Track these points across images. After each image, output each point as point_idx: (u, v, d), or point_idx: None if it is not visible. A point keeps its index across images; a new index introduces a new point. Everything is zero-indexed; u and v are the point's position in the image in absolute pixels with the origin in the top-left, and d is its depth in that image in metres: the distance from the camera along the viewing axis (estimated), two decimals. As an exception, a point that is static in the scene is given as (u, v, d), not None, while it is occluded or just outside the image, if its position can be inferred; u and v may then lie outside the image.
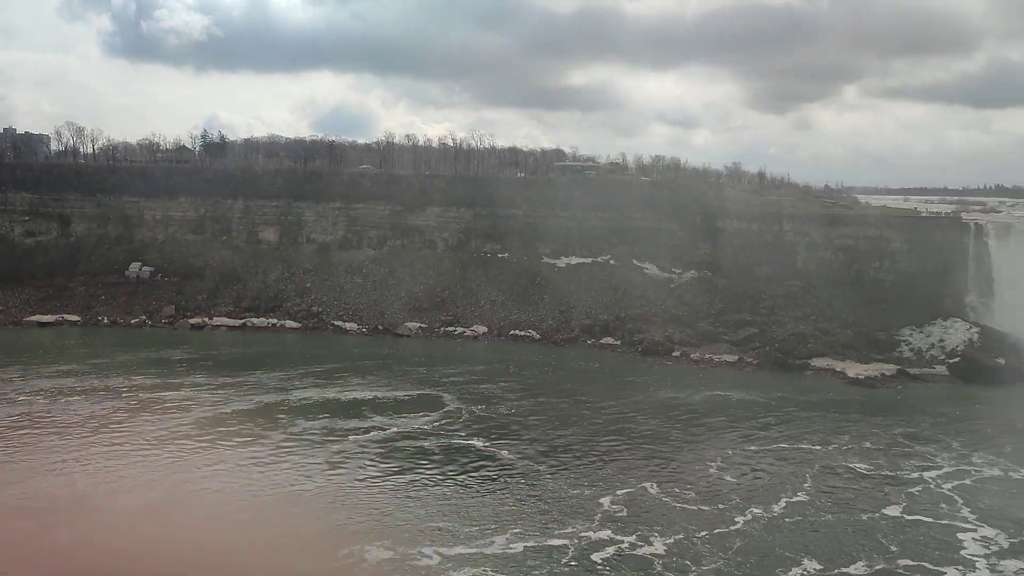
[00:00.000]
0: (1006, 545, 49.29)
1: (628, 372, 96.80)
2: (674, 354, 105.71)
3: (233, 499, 52.40)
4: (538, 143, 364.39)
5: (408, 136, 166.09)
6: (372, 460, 62.29)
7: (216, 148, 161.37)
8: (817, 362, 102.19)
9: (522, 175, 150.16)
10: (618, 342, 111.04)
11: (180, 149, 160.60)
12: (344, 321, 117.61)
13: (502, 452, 65.14)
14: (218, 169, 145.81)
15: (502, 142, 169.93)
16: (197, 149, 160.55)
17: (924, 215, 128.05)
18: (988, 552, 48.31)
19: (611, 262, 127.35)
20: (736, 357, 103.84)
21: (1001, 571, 45.86)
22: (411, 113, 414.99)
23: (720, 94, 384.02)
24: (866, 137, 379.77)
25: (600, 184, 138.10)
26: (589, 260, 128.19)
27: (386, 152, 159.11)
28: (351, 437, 67.82)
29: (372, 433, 69.14)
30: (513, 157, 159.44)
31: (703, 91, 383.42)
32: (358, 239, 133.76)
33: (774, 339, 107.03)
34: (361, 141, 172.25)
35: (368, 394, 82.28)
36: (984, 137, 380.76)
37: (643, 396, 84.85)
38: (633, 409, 79.51)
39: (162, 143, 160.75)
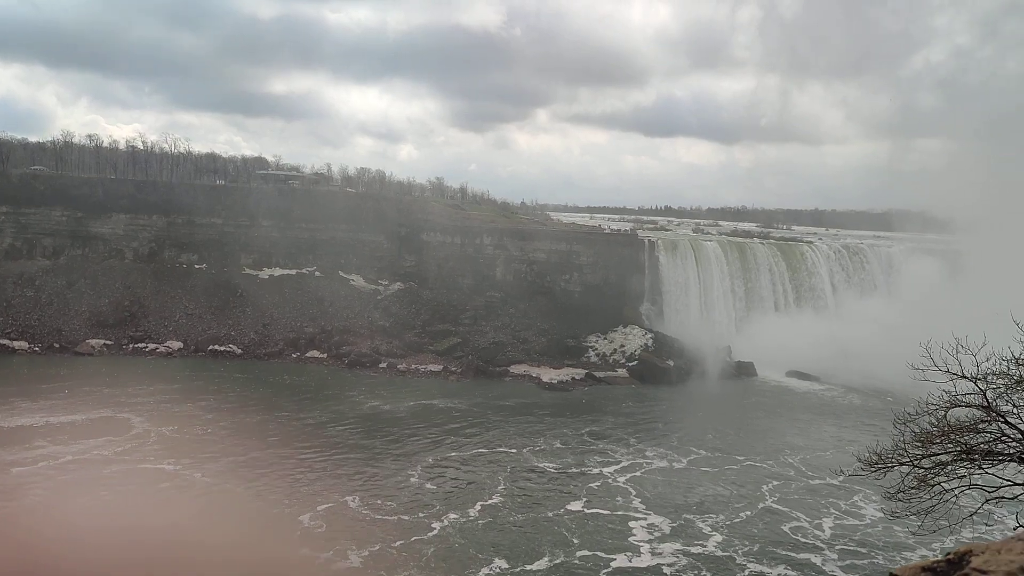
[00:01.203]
0: (667, 530, 54.60)
1: (334, 385, 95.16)
2: (381, 365, 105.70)
3: None
4: (239, 150, 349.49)
5: (90, 136, 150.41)
6: (39, 494, 55.35)
7: None
8: (515, 369, 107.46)
9: (222, 183, 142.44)
10: (324, 355, 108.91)
11: None
12: (12, 340, 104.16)
13: (195, 475, 60.78)
14: None
15: (200, 147, 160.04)
16: None
17: (607, 232, 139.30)
18: (652, 538, 53.17)
19: (316, 274, 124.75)
20: (441, 366, 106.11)
21: (660, 553, 50.68)
22: (94, 112, 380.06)
23: (423, 110, 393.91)
24: (557, 158, 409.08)
25: (304, 194, 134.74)
26: (293, 271, 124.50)
27: (63, 152, 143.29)
28: (14, 470, 59.83)
29: (41, 464, 61.50)
30: (212, 164, 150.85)
31: (406, 106, 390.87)
32: (29, 248, 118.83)
33: (476, 348, 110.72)
34: (33, 139, 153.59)
35: (40, 420, 73.21)
36: (654, 162, 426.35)
37: (349, 408, 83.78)
38: (338, 422, 78.16)
39: None
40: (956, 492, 19.91)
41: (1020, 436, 20.25)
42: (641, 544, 51.77)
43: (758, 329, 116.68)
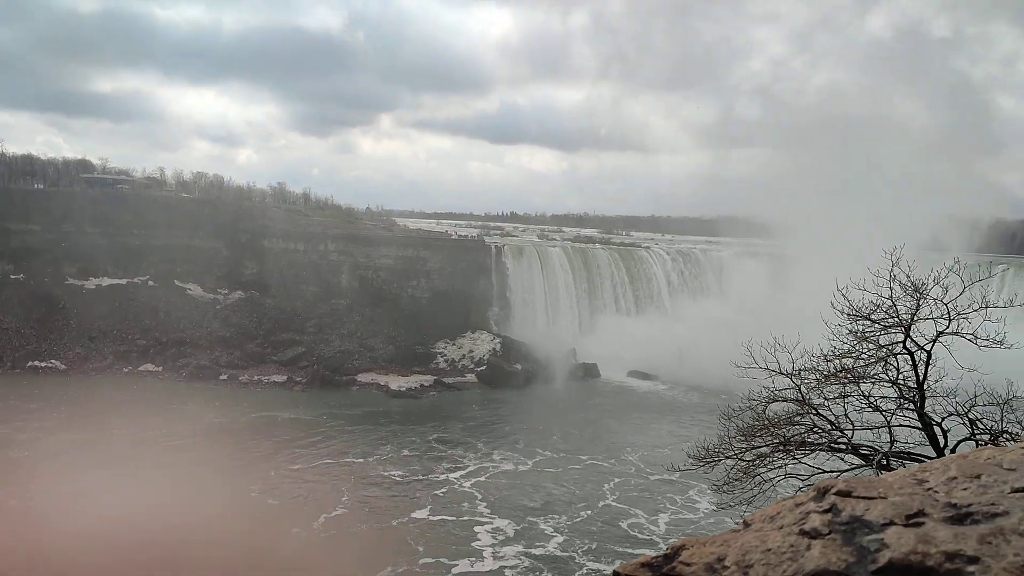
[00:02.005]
0: (511, 533, 55.29)
1: (171, 399, 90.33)
2: (221, 377, 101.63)
3: None
4: (60, 152, 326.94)
5: None
6: None
7: None
8: (363, 377, 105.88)
9: (41, 187, 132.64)
10: (160, 368, 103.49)
11: None
12: None
13: (11, 502, 56.23)
14: None
15: (14, 148, 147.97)
16: None
17: (454, 238, 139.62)
18: (495, 541, 53.70)
19: (150, 283, 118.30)
20: (285, 377, 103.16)
21: (503, 556, 51.29)
22: None
23: (263, 113, 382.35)
24: (402, 164, 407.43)
25: (136, 199, 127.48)
26: (124, 281, 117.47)
27: None
28: None
29: None
30: (29, 166, 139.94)
31: (245, 109, 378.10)
32: None
33: (321, 357, 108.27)
34: None
35: None
36: (499, 169, 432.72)
37: (186, 423, 79.75)
38: (173, 437, 74.29)
39: None
40: (775, 481, 21.07)
41: (829, 427, 21.71)
42: (484, 548, 52.09)
43: (601, 331, 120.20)
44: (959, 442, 20.54)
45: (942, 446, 19.95)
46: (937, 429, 21.31)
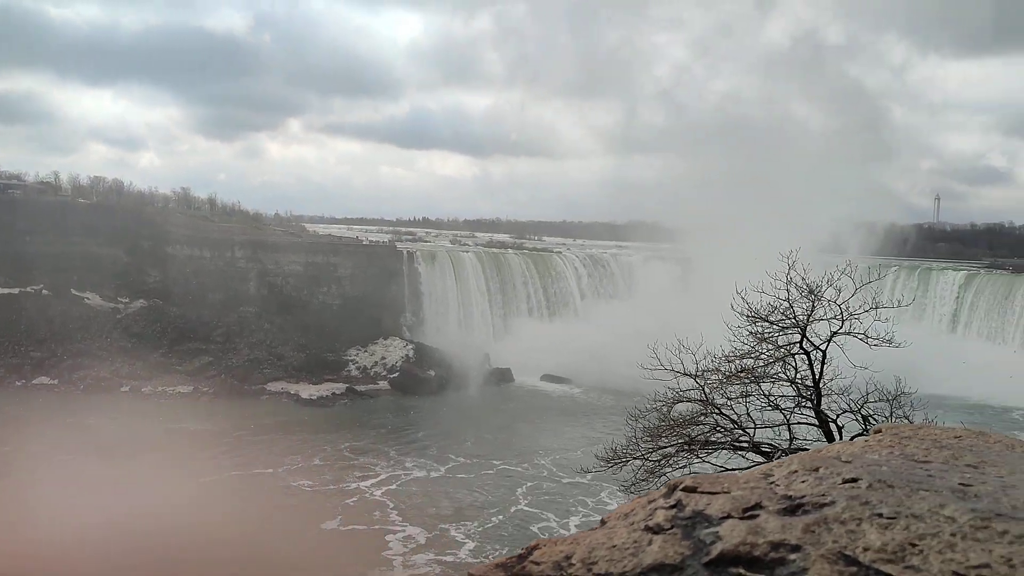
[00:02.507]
0: (423, 541, 55.01)
1: (67, 414, 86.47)
2: (123, 389, 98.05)
3: None
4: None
5: None
6: None
7: None
8: (273, 386, 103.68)
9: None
10: (55, 381, 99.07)
11: None
12: None
13: None
14: None
15: None
16: None
17: (366, 243, 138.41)
18: (406, 550, 53.34)
19: (44, 292, 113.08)
20: (191, 387, 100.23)
21: (413, 565, 51.05)
22: None
23: (165, 116, 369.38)
24: (312, 168, 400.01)
25: (28, 205, 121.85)
26: (16, 290, 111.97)
27: None
28: None
29: None
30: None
31: (145, 112, 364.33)
32: None
33: (229, 366, 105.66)
34: None
35: None
36: (411, 174, 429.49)
37: (82, 437, 76.44)
38: (67, 452, 71.13)
39: None
40: (679, 481, 21.52)
41: (732, 426, 22.32)
42: (395, 557, 51.66)
43: (515, 336, 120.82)
44: (852, 437, 21.36)
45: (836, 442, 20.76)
46: (833, 426, 22.18)
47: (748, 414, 22.69)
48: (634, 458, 23.02)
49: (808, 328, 22.12)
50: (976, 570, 1.55)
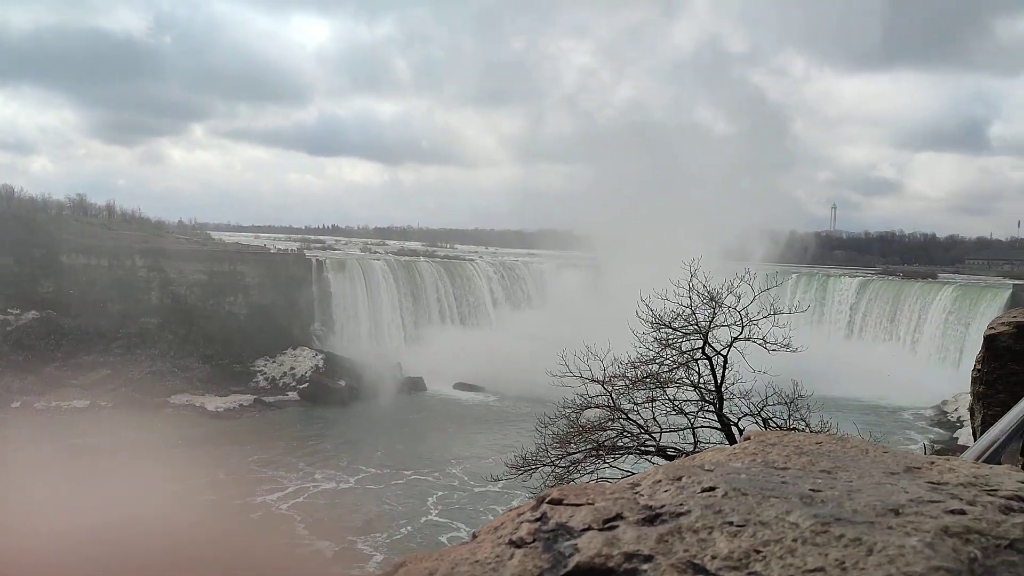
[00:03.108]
0: (330, 555, 54.18)
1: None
2: (14, 405, 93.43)
3: None
4: None
5: None
6: None
7: None
8: (177, 399, 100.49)
9: None
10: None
11: None
12: None
13: None
14: None
15: None
16: None
17: (274, 251, 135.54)
18: (314, 564, 52.42)
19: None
20: (88, 402, 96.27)
21: (317, 581, 50.22)
22: None
23: (59, 119, 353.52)
24: (217, 175, 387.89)
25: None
26: None
27: None
28: None
29: None
30: None
31: (38, 115, 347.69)
32: None
33: (131, 379, 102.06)
34: None
35: None
36: (319, 181, 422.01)
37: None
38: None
39: None
40: (587, 486, 21.75)
41: (639, 430, 22.74)
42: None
43: (427, 345, 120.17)
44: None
45: (738, 444, 21.40)
46: (734, 429, 22.85)
47: (654, 419, 23.16)
48: (543, 465, 23.22)
49: (710, 334, 22.77)
50: (812, 574, 1.58)
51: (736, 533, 1.64)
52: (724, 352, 22.88)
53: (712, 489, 1.92)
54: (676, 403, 23.17)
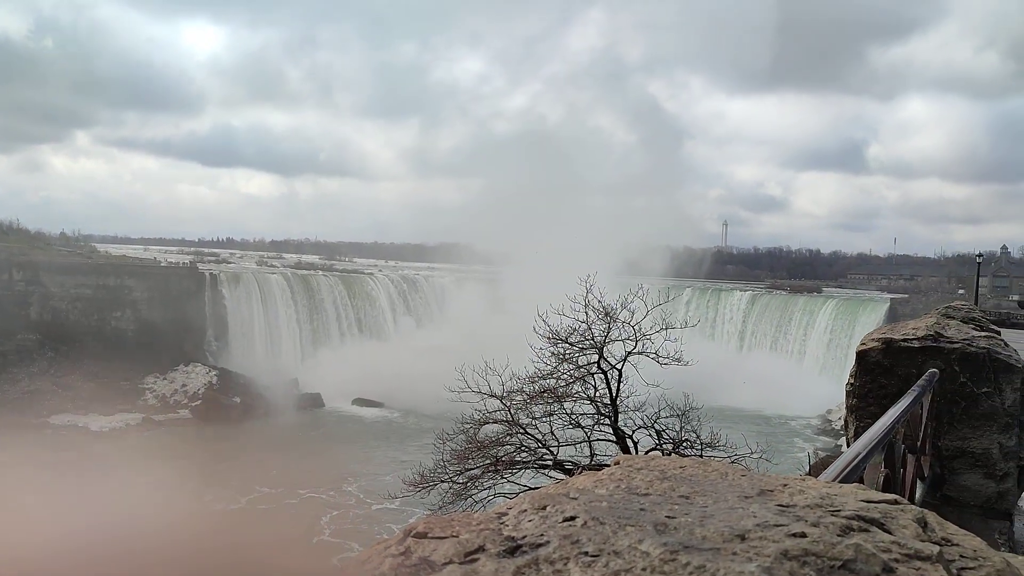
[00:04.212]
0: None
1: None
2: None
3: None
4: None
5: None
6: None
7: None
8: (58, 419, 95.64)
9: None
10: None
11: None
12: None
13: None
14: None
15: None
16: None
17: (164, 265, 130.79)
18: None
19: None
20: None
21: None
22: None
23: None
24: (102, 185, 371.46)
25: None
26: None
27: None
28: None
29: None
30: None
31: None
32: None
33: (6, 399, 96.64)
34: None
35: None
36: (213, 193, 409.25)
37: None
38: None
39: None
40: (485, 501, 21.82)
41: (536, 445, 22.94)
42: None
43: (325, 360, 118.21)
44: (648, 451, 22.57)
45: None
46: (629, 441, 23.34)
47: (552, 432, 23.43)
48: (442, 481, 23.18)
49: (605, 348, 23.21)
50: (658, 603, 1.63)
51: (590, 563, 1.69)
52: (619, 366, 23.36)
53: (573, 518, 1.97)
54: (573, 416, 23.50)
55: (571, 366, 23.54)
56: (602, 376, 23.41)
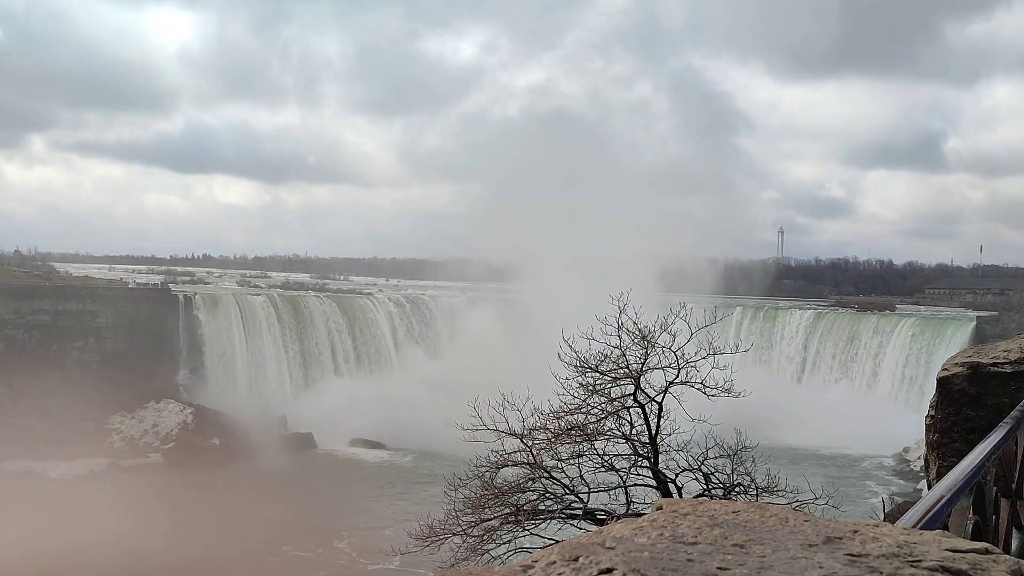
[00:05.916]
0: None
1: None
2: None
3: None
4: None
5: None
6: None
7: None
8: (11, 464, 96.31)
9: None
10: None
11: None
12: None
13: None
14: None
15: None
16: None
17: (132, 287, 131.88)
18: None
19: None
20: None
21: None
22: None
23: None
24: (61, 195, 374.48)
25: None
26: None
27: None
28: None
29: None
30: None
31: None
32: None
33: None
34: None
35: None
36: (187, 203, 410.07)
37: None
38: None
39: None
40: (504, 558, 21.68)
41: (563, 491, 22.80)
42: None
43: (317, 395, 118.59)
44: (694, 497, 22.36)
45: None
46: (672, 486, 23.16)
47: (581, 476, 23.27)
48: (454, 534, 23.06)
49: (642, 378, 23.07)
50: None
51: (631, 622, 1.69)
52: (659, 399, 23.23)
53: (610, 571, 1.97)
54: (606, 458, 23.36)
55: (603, 399, 23.41)
56: (639, 410, 23.27)
